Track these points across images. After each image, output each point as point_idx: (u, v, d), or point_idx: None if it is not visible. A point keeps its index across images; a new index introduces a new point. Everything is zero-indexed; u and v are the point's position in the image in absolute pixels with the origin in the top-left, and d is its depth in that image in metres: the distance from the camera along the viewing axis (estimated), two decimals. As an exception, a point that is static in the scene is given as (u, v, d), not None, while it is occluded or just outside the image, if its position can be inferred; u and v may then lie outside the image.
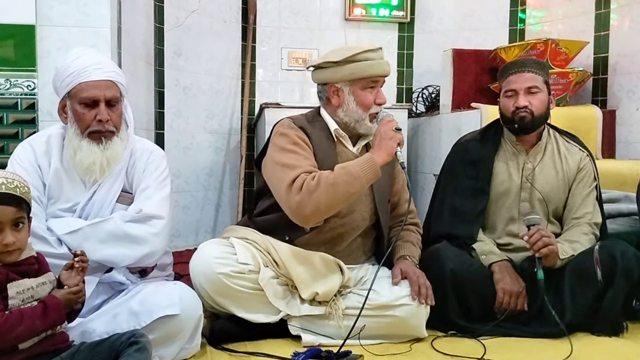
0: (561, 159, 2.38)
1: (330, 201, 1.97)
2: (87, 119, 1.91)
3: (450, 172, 2.50)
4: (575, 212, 2.33)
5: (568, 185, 2.36)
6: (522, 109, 2.28)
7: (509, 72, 2.36)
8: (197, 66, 3.99)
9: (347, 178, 1.96)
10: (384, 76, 2.21)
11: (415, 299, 2.06)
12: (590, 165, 2.38)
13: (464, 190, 2.40)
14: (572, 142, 2.44)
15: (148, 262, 1.98)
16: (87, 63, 1.91)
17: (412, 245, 2.29)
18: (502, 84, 2.41)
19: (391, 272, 2.17)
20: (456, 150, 2.53)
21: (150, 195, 2.00)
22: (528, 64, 2.34)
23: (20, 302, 1.50)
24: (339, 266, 2.13)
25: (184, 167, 3.89)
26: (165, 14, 3.72)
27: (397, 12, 4.47)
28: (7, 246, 1.50)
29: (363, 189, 2.01)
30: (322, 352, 1.90)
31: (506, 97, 2.36)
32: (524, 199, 2.36)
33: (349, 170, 1.98)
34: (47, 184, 1.94)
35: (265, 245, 2.12)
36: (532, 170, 2.36)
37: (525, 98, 2.29)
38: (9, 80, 2.57)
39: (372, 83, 2.18)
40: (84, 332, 1.75)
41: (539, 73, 2.33)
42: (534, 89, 2.30)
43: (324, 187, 1.95)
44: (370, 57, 2.18)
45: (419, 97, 4.35)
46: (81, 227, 1.88)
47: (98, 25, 2.64)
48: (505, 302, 2.17)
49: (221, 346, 1.98)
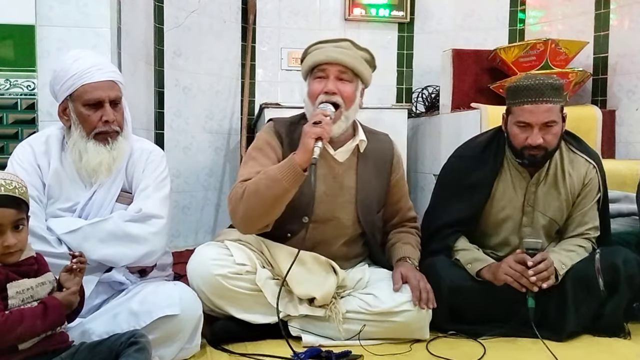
0: (564, 177, 2.25)
1: (257, 207, 1.93)
2: (93, 121, 1.92)
3: (444, 188, 2.39)
4: (575, 225, 2.27)
5: (571, 201, 2.27)
6: (535, 147, 2.12)
7: (524, 99, 2.11)
8: (197, 66, 3.98)
9: (267, 182, 1.90)
10: (327, 63, 2.06)
11: (417, 305, 2.03)
12: (596, 177, 2.26)
13: (452, 210, 2.30)
14: (578, 152, 2.28)
15: (147, 261, 1.98)
16: (88, 64, 1.91)
17: (411, 247, 2.25)
18: (513, 108, 2.17)
19: (391, 276, 2.13)
20: (454, 168, 2.37)
21: (149, 195, 2.00)
22: (546, 92, 2.09)
23: (20, 302, 1.51)
24: (332, 267, 2.11)
25: (183, 167, 3.89)
26: (165, 14, 3.72)
27: (397, 12, 4.46)
28: (9, 248, 1.51)
29: (289, 192, 1.90)
30: (322, 352, 1.89)
31: (518, 126, 2.15)
32: (526, 224, 2.27)
33: (269, 174, 1.92)
34: (46, 184, 1.95)
35: (259, 245, 2.11)
36: (534, 193, 2.25)
37: (540, 134, 2.10)
38: (9, 80, 2.57)
39: (319, 72, 2.08)
40: (84, 332, 1.75)
41: (557, 101, 2.11)
42: (550, 123, 2.11)
43: (247, 193, 1.93)
44: (319, 47, 2.11)
45: (418, 97, 4.34)
46: (81, 227, 1.88)
47: (98, 25, 2.63)
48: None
49: (221, 346, 1.98)
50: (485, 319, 2.14)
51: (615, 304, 2.10)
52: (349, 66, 2.07)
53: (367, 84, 2.19)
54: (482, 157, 2.31)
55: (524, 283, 2.05)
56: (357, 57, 2.10)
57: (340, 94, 2.05)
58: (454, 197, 2.31)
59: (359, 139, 2.18)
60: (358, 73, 2.11)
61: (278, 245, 2.10)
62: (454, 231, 2.27)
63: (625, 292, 2.10)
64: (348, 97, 2.07)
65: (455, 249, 2.24)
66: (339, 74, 2.07)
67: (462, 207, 2.28)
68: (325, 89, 2.04)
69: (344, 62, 2.06)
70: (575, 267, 2.14)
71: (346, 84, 2.08)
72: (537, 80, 2.13)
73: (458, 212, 2.29)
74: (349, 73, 2.08)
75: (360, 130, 2.21)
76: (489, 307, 2.14)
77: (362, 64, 2.12)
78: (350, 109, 2.09)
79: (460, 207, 2.28)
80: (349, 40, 2.11)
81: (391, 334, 2.05)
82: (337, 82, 2.06)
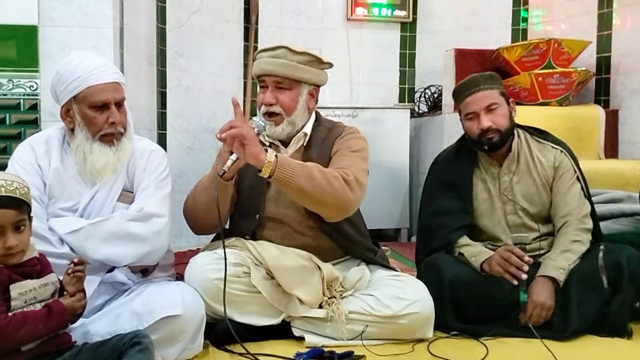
0: (535, 164, 2.34)
1: (195, 209, 2.10)
2: (99, 122, 1.92)
3: (430, 193, 2.49)
4: (560, 210, 2.30)
5: (548, 186, 2.34)
6: (487, 130, 2.26)
7: (463, 94, 2.33)
8: (199, 66, 3.99)
9: (200, 189, 2.09)
10: (264, 75, 2.15)
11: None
12: (567, 159, 2.34)
13: (444, 209, 2.36)
14: (544, 141, 2.39)
15: (150, 260, 1.98)
16: (93, 66, 1.91)
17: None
18: (460, 107, 2.38)
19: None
20: (434, 172, 2.51)
21: (151, 194, 2.00)
22: (479, 82, 2.31)
23: (23, 303, 1.51)
24: (315, 262, 2.10)
25: (186, 168, 3.89)
26: (167, 14, 3.72)
27: (399, 12, 4.47)
28: (10, 249, 1.51)
29: (217, 196, 1.94)
30: (324, 352, 1.89)
31: (468, 120, 2.33)
32: (510, 212, 2.34)
33: (202, 181, 2.11)
34: (47, 184, 1.94)
35: (244, 245, 2.11)
36: (509, 182, 2.34)
37: (487, 117, 2.26)
38: (12, 80, 2.57)
39: (261, 82, 2.19)
40: (86, 333, 1.74)
41: (493, 87, 2.31)
42: (492, 106, 2.28)
43: (188, 198, 2.14)
44: (258, 57, 2.20)
45: (421, 97, 4.35)
46: (83, 227, 1.88)
47: (100, 25, 2.63)
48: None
49: (224, 347, 1.97)
50: (486, 316, 2.15)
51: (619, 303, 2.10)
52: (283, 76, 2.13)
53: (317, 83, 2.22)
54: (456, 158, 2.45)
55: (513, 272, 2.12)
56: (293, 64, 2.14)
57: (278, 103, 2.14)
58: (440, 197, 2.40)
59: (302, 132, 2.21)
60: (297, 79, 2.15)
61: (260, 242, 2.13)
62: (455, 229, 2.31)
63: (629, 290, 2.10)
64: (286, 105, 2.14)
65: (457, 245, 2.28)
66: (276, 84, 2.15)
67: (451, 205, 2.36)
68: (263, 101, 2.15)
69: (277, 73, 2.13)
70: (578, 266, 2.16)
71: (285, 92, 2.15)
72: (471, 76, 2.37)
73: (449, 210, 2.35)
74: (286, 82, 2.14)
75: (309, 125, 2.23)
76: (488, 302, 2.16)
77: (299, 70, 2.15)
78: (292, 114, 2.16)
79: (450, 206, 2.36)
80: (285, 46, 2.14)
81: (394, 334, 2.05)
82: (276, 91, 2.15)
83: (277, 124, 2.14)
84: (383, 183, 3.93)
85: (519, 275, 2.10)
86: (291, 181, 1.89)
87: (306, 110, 2.21)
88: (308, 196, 1.94)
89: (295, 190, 1.92)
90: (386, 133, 3.98)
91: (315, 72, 2.19)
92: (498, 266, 2.14)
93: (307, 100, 2.19)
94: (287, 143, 2.20)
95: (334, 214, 2.04)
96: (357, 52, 4.50)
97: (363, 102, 4.33)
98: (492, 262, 2.17)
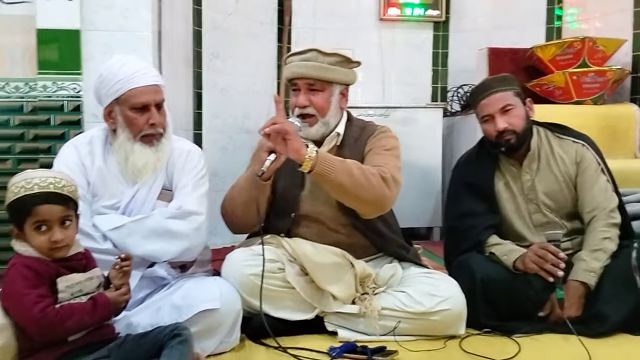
0: (556, 161, 2.35)
1: (234, 209, 2.17)
2: (139, 123, 1.99)
3: (455, 195, 2.50)
4: (587, 205, 2.29)
5: (572, 183, 2.33)
6: (504, 132, 2.28)
7: (478, 97, 2.35)
8: (234, 67, 4.03)
9: (238, 190, 2.17)
10: (296, 78, 2.20)
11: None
12: (589, 152, 2.33)
13: (471, 210, 2.37)
14: (564, 136, 2.39)
15: (188, 256, 2.04)
16: (134, 69, 1.98)
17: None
18: (477, 111, 2.39)
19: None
20: (457, 175, 2.52)
21: (189, 192, 2.06)
22: (493, 84, 2.33)
23: (70, 295, 1.57)
24: (348, 259, 2.13)
25: (221, 167, 3.94)
26: (203, 17, 3.78)
27: (432, 12, 4.48)
28: (56, 243, 1.57)
29: (256, 196, 2.05)
30: (357, 347, 1.92)
31: (484, 122, 2.35)
32: (534, 211, 2.35)
33: (239, 182, 2.19)
34: (91, 183, 2.02)
35: (279, 242, 2.16)
36: (531, 181, 2.35)
37: (502, 119, 2.28)
38: (56, 83, 2.65)
39: (294, 86, 2.23)
40: (129, 325, 1.81)
41: (507, 89, 2.32)
42: (507, 107, 2.29)
43: (227, 199, 2.22)
44: (289, 61, 2.24)
45: (453, 96, 4.34)
46: (125, 224, 1.95)
47: (140, 29, 2.70)
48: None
49: (260, 341, 2.02)
50: (518, 313, 2.16)
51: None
52: (315, 78, 2.18)
53: (348, 82, 2.26)
54: (477, 159, 2.47)
55: (549, 269, 2.11)
56: (324, 65, 2.18)
57: (312, 104, 2.18)
58: (466, 199, 2.41)
59: (335, 132, 2.24)
60: (328, 80, 2.19)
61: (294, 239, 2.17)
62: (484, 228, 2.32)
63: None
64: (320, 106, 2.19)
65: (488, 245, 2.28)
66: (308, 87, 2.19)
67: (477, 206, 2.37)
68: (297, 104, 2.20)
69: (309, 75, 2.18)
70: (612, 264, 2.15)
71: (317, 94, 2.19)
72: (484, 79, 2.43)
73: (476, 211, 2.36)
74: (318, 83, 2.19)
75: (341, 124, 2.27)
76: (520, 299, 2.16)
77: (330, 71, 2.19)
78: (326, 115, 2.21)
79: (476, 207, 2.37)
80: (315, 49, 2.18)
81: (426, 331, 2.07)
82: (309, 93, 2.19)
83: (311, 125, 2.19)
84: (415, 182, 3.93)
85: (555, 273, 2.10)
86: (330, 176, 1.93)
87: (338, 110, 2.25)
88: (346, 192, 1.98)
89: (334, 186, 1.96)
90: (418, 132, 3.98)
91: (345, 72, 2.23)
92: (533, 264, 2.14)
93: (339, 100, 2.24)
94: (321, 143, 2.23)
95: (370, 210, 2.08)
96: (389, 51, 4.51)
97: (395, 102, 4.33)
98: (526, 259, 2.16)
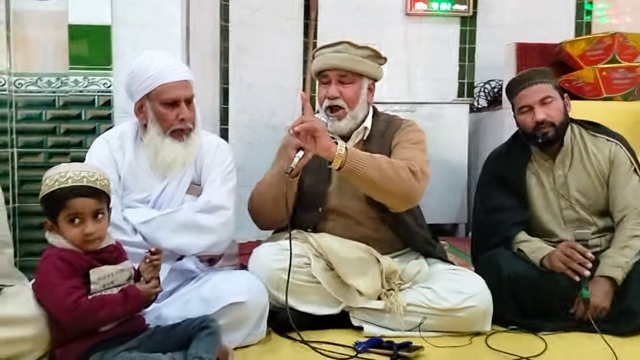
0: (590, 158, 2.32)
1: (262, 205, 2.18)
2: (170, 119, 2.01)
3: (485, 190, 2.48)
4: (618, 204, 2.27)
5: (604, 180, 2.31)
6: (542, 123, 2.25)
7: (517, 88, 2.33)
8: (261, 63, 4.06)
9: (266, 186, 2.17)
10: (327, 69, 2.20)
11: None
12: (622, 152, 2.31)
13: (501, 205, 2.36)
14: (599, 135, 2.36)
15: (216, 250, 2.07)
16: (164, 65, 2.01)
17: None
18: (513, 102, 2.37)
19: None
20: (488, 169, 2.51)
21: (217, 187, 2.09)
22: (533, 76, 2.31)
23: (101, 287, 1.61)
24: (374, 255, 2.14)
25: (248, 162, 3.96)
26: (230, 12, 3.81)
27: (459, 6, 4.45)
28: (88, 235, 1.61)
29: (284, 192, 2.00)
30: (383, 342, 1.93)
31: (522, 113, 2.32)
32: (565, 207, 2.33)
33: (266, 178, 2.20)
34: (122, 176, 2.05)
35: (305, 237, 2.17)
36: (563, 177, 2.33)
37: (542, 110, 2.26)
38: (87, 78, 2.69)
39: (323, 78, 2.23)
40: (159, 317, 1.84)
41: (547, 81, 2.30)
42: (547, 99, 2.27)
43: (254, 195, 2.22)
44: (320, 53, 2.24)
45: (480, 92, 4.31)
46: (154, 217, 1.98)
47: (169, 25, 2.73)
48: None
49: (286, 334, 2.04)
50: (544, 311, 2.15)
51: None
52: (347, 69, 2.19)
53: (375, 77, 2.28)
54: (509, 154, 2.45)
55: (575, 268, 2.09)
56: (356, 57, 2.20)
57: (342, 96, 2.19)
58: (496, 194, 2.40)
59: (363, 127, 2.25)
60: (359, 73, 2.21)
61: (320, 234, 2.19)
62: (513, 224, 2.31)
63: None
64: (350, 98, 2.20)
65: (516, 242, 2.28)
66: (339, 78, 2.20)
67: (507, 202, 2.36)
68: (327, 95, 2.20)
69: (341, 66, 2.19)
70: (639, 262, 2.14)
71: (348, 86, 2.21)
72: (524, 71, 2.40)
73: (505, 206, 2.35)
74: (349, 75, 2.20)
75: (368, 119, 2.28)
76: (547, 297, 2.16)
77: (361, 64, 2.20)
78: (355, 108, 2.22)
79: (506, 203, 2.36)
80: (347, 42, 2.20)
81: (452, 327, 2.07)
82: (339, 85, 2.20)
83: (340, 118, 2.20)
84: (441, 178, 3.91)
85: (581, 272, 2.08)
86: (360, 172, 1.94)
87: (366, 105, 2.27)
88: (376, 186, 1.99)
89: (364, 181, 1.98)
90: (444, 128, 3.97)
91: (374, 66, 2.25)
92: (559, 262, 2.13)
93: (367, 94, 2.25)
94: (348, 137, 2.24)
95: (399, 203, 2.09)
96: (415, 46, 4.49)
97: (421, 97, 4.31)
98: (553, 258, 2.15)
